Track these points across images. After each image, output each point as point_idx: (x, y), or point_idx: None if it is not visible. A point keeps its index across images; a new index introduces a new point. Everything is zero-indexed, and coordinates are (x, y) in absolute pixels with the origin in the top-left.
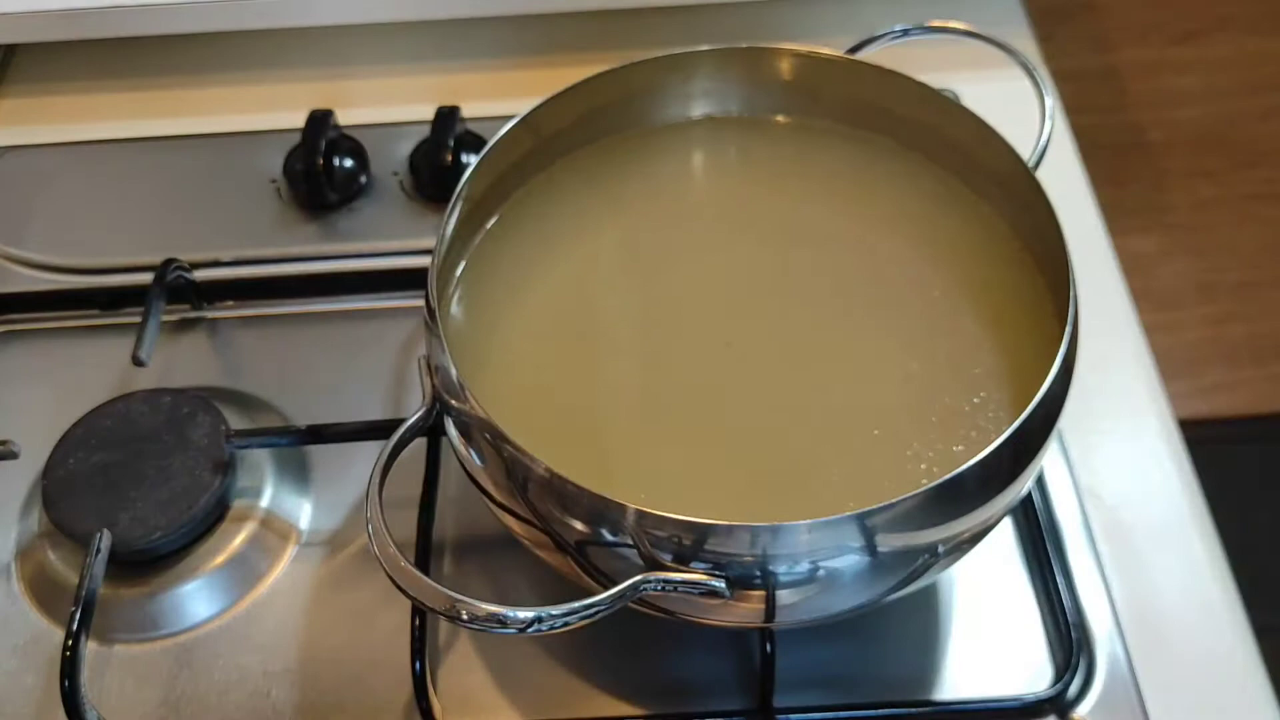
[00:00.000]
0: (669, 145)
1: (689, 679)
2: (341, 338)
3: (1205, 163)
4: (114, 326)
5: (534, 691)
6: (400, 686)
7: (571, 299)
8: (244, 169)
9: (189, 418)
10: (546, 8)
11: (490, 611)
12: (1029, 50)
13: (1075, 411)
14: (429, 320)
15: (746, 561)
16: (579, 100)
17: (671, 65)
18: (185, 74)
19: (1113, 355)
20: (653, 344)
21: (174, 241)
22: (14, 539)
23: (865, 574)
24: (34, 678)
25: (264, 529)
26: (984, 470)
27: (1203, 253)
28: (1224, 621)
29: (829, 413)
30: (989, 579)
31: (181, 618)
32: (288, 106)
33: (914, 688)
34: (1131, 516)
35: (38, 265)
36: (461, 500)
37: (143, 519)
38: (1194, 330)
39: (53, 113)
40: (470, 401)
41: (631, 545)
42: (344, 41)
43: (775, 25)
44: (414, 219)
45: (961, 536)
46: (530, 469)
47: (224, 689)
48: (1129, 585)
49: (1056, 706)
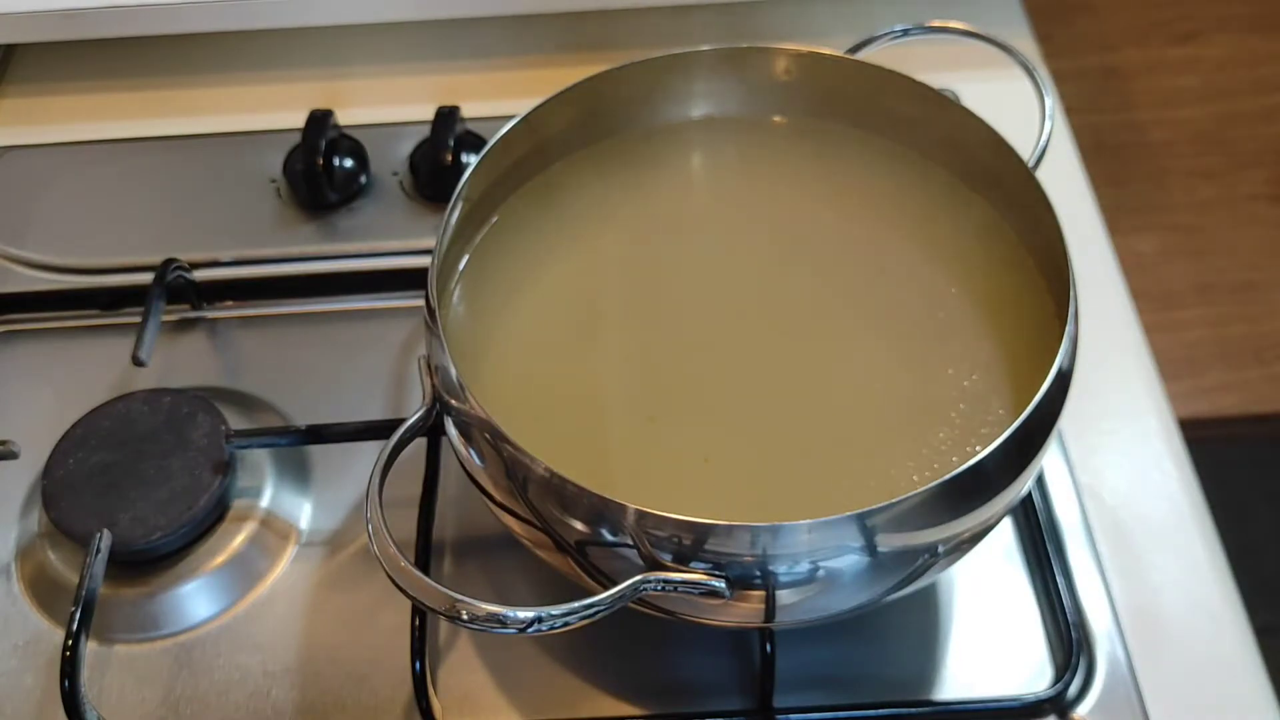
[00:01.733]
0: (668, 145)
1: (689, 679)
2: (341, 338)
3: (1205, 163)
4: (114, 326)
5: (534, 691)
6: (400, 686)
7: (571, 299)
8: (244, 169)
9: (189, 418)
10: (546, 8)
11: (490, 611)
12: (1029, 50)
13: (1075, 411)
14: (429, 320)
15: (746, 561)
16: (579, 100)
17: (671, 65)
18: (185, 74)
19: (1113, 355)
20: (653, 344)
21: (174, 241)
22: (14, 539)
23: (865, 574)
24: (34, 678)
25: (264, 529)
26: (984, 470)
27: (1203, 253)
28: (1224, 621)
29: (828, 412)
30: (989, 579)
31: (181, 618)
32: (288, 106)
33: (914, 687)
34: (1131, 516)
35: (37, 265)
36: (461, 500)
37: (143, 519)
38: (1194, 330)
39: (52, 113)
40: (470, 401)
41: (631, 545)
42: (344, 41)
43: (775, 25)
44: (414, 219)
45: (961, 536)
46: (530, 469)
47: (224, 689)
48: (1129, 585)
49: (1056, 706)
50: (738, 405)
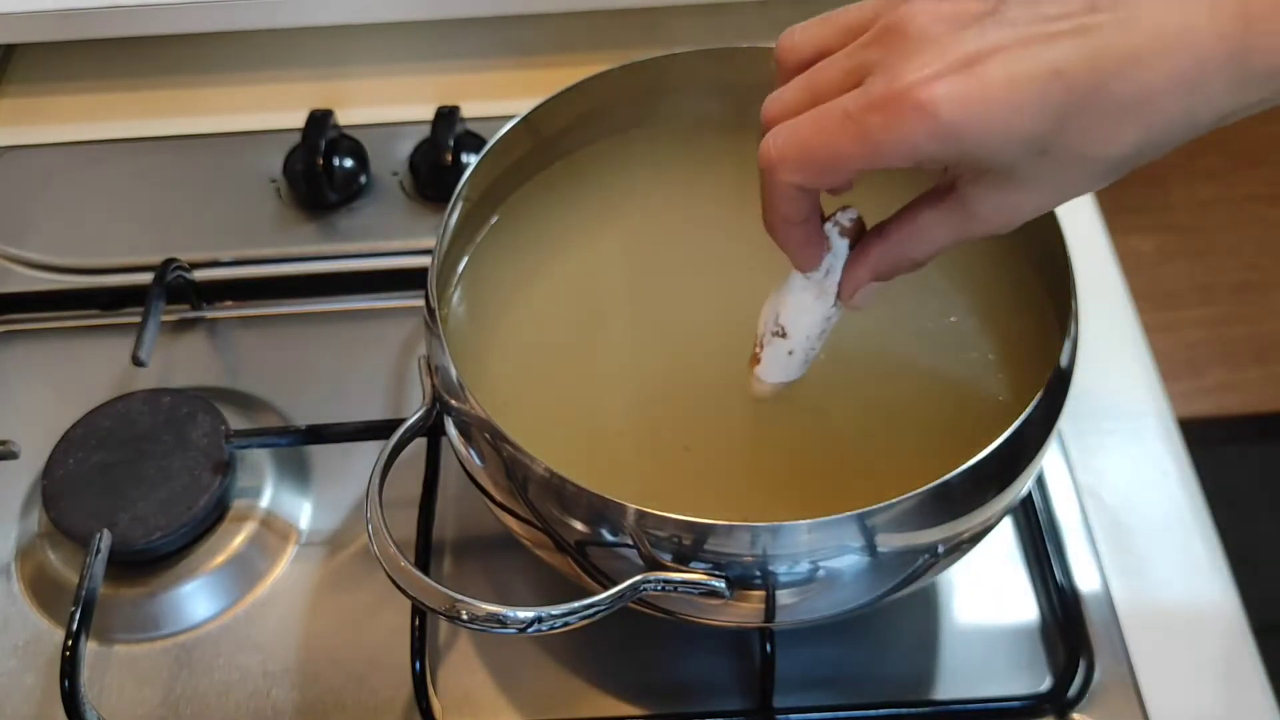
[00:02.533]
0: (669, 145)
1: (689, 679)
2: (342, 338)
3: (1205, 163)
4: (114, 326)
5: (534, 691)
6: (400, 686)
7: (571, 299)
8: (244, 169)
9: (189, 418)
10: (546, 8)
11: (490, 611)
12: None
13: (1075, 412)
14: (429, 320)
15: (746, 561)
16: (579, 100)
17: (670, 66)
18: (185, 74)
19: (1113, 355)
20: (652, 344)
21: (174, 241)
22: (14, 539)
23: (865, 574)
24: (34, 678)
25: (264, 529)
26: (984, 470)
27: (1203, 253)
28: (1223, 621)
29: (827, 411)
30: (989, 579)
31: (181, 618)
32: (288, 107)
33: (914, 687)
34: (1131, 516)
35: (37, 265)
36: (461, 500)
37: (143, 519)
38: (1194, 330)
39: (52, 113)
40: (470, 401)
41: (631, 545)
42: (344, 42)
43: (776, 26)
44: (414, 219)
45: (961, 536)
46: (530, 469)
47: (224, 689)
48: (1128, 584)
49: (1056, 706)
50: (737, 404)
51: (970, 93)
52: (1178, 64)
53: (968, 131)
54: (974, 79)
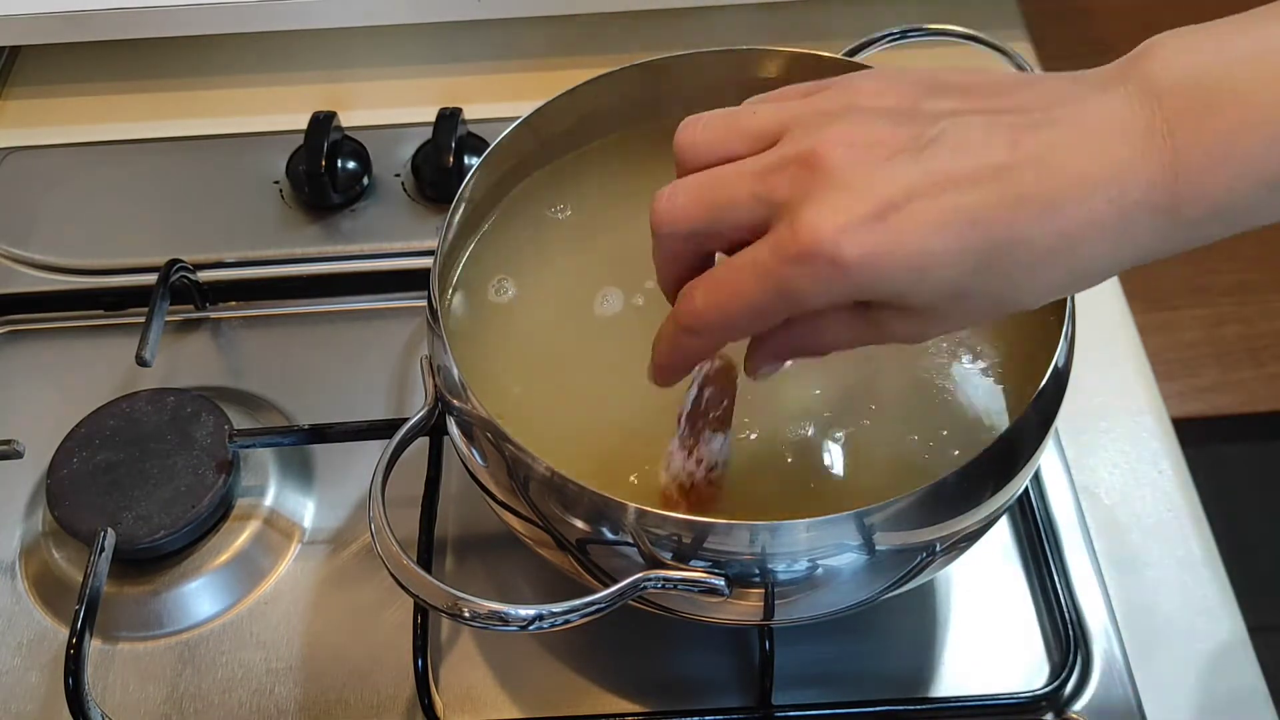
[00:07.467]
0: (669, 146)
1: (689, 677)
2: (344, 338)
3: None
4: (118, 327)
5: (535, 688)
6: (403, 683)
7: (572, 299)
8: (247, 170)
9: (193, 417)
10: (548, 10)
11: (492, 609)
12: (1026, 53)
13: (1072, 411)
14: (431, 320)
15: (746, 560)
16: (579, 102)
17: (670, 67)
18: (189, 76)
19: (1109, 355)
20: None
21: (178, 242)
22: (18, 538)
23: (863, 572)
24: (38, 676)
25: (267, 528)
26: (981, 469)
27: (1198, 254)
28: (1219, 619)
29: (826, 411)
30: (986, 577)
31: (185, 616)
32: (291, 109)
33: (912, 685)
34: (1127, 515)
35: (42, 266)
36: (463, 499)
37: (146, 518)
38: (1190, 330)
39: (57, 114)
40: (472, 401)
41: (632, 544)
42: (347, 44)
43: (775, 27)
44: (416, 220)
45: (959, 535)
46: (531, 468)
47: (227, 686)
48: (1125, 583)
49: (1053, 703)
50: (740, 403)
51: (885, 244)
52: (1099, 212)
53: (882, 281)
54: (890, 230)
